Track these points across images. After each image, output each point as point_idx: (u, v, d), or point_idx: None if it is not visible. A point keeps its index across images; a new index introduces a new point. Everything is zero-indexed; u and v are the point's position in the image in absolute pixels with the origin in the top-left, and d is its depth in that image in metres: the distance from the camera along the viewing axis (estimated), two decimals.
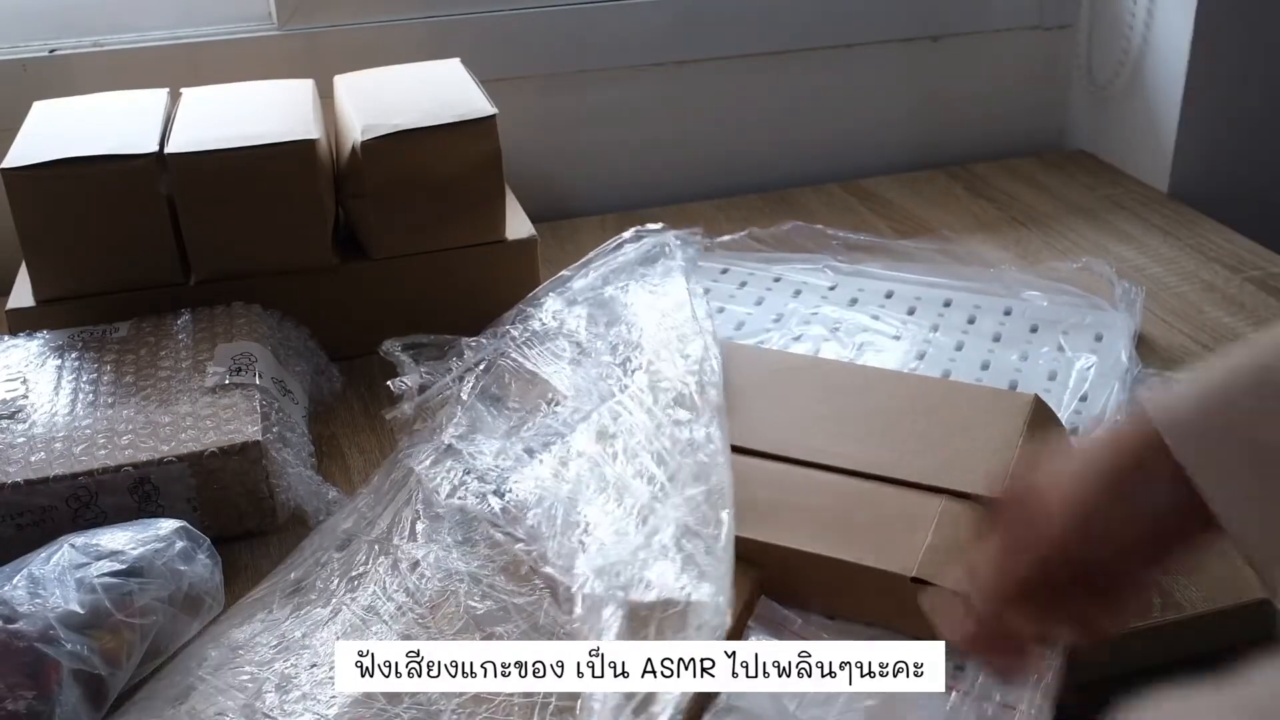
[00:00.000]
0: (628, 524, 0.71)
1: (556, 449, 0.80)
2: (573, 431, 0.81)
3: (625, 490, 0.74)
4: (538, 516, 0.74)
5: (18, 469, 0.78)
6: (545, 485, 0.77)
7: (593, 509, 0.73)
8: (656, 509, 0.71)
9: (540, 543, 0.73)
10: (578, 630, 0.66)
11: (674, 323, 0.89)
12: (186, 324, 0.94)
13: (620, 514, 0.72)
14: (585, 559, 0.69)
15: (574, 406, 0.84)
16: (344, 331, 1.01)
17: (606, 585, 0.67)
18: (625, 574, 0.67)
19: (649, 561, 0.67)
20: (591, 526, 0.72)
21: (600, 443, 0.79)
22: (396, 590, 0.73)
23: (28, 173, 0.92)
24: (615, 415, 0.80)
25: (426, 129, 0.98)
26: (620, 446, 0.77)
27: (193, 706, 0.67)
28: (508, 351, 0.91)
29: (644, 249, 1.00)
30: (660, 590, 0.65)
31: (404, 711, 0.64)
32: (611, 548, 0.69)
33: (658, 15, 1.30)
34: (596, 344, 0.91)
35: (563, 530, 0.73)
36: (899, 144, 1.44)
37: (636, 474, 0.75)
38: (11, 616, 0.66)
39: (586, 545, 0.71)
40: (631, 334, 0.90)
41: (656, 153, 1.37)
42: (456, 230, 1.03)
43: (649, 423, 0.78)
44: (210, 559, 0.75)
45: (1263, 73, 1.30)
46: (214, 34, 1.21)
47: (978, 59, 1.44)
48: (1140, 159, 1.37)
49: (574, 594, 0.67)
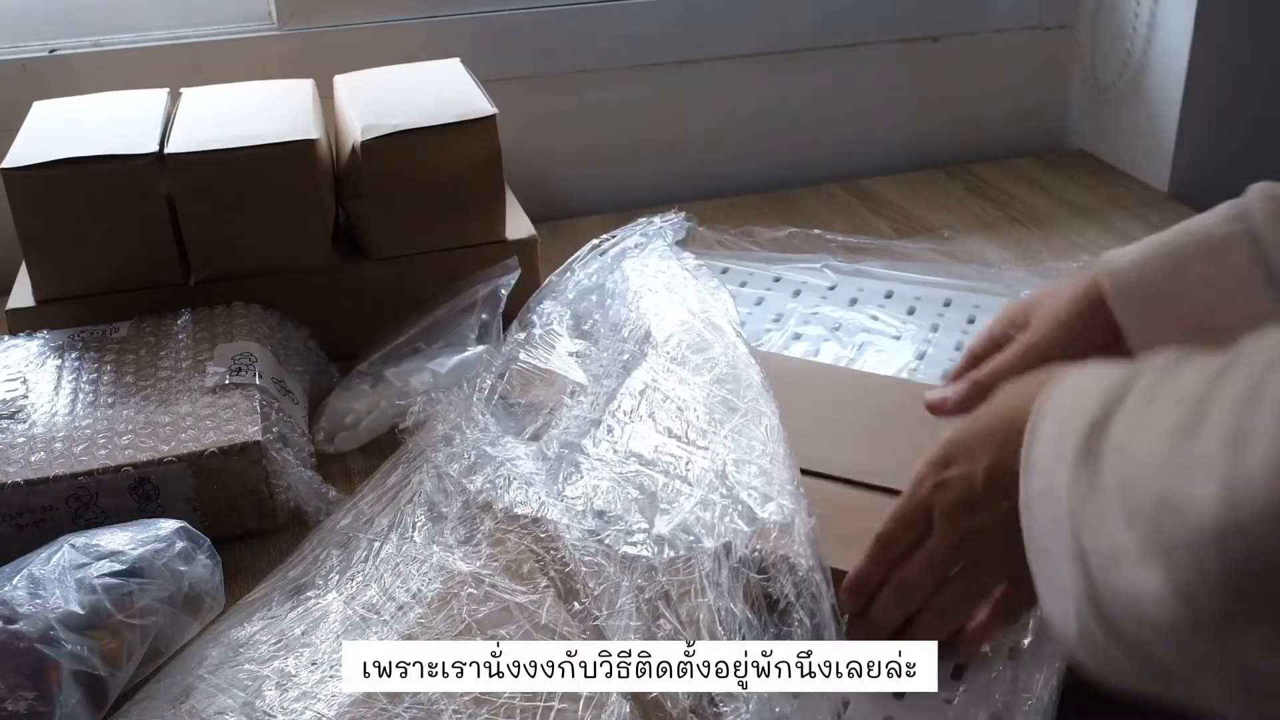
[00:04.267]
0: (684, 479, 0.72)
1: (598, 434, 0.80)
2: (606, 414, 0.81)
3: (673, 450, 0.74)
4: (600, 499, 0.75)
5: (18, 469, 0.78)
6: (599, 471, 0.77)
7: (648, 477, 0.74)
8: (707, 455, 0.72)
9: (613, 524, 0.73)
10: (677, 588, 0.67)
11: (667, 281, 0.90)
12: (186, 324, 0.94)
13: (676, 470, 0.74)
14: (661, 522, 0.70)
15: (597, 391, 0.84)
16: (344, 331, 1.01)
17: (681, 544, 0.69)
18: (693, 528, 0.69)
19: (707, 505, 0.69)
20: (654, 495, 0.73)
21: (638, 416, 0.79)
22: (398, 590, 0.73)
23: (28, 173, 0.92)
24: (642, 386, 0.81)
25: (426, 129, 0.98)
26: (658, 410, 0.78)
27: (193, 706, 0.67)
28: (516, 356, 0.91)
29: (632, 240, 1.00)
30: (725, 528, 0.67)
31: (404, 711, 0.64)
32: (679, 507, 0.70)
33: (658, 15, 1.30)
34: (600, 329, 0.91)
35: (627, 507, 0.73)
36: (899, 144, 1.44)
37: (679, 432, 0.75)
38: (12, 617, 0.65)
39: (654, 515, 0.71)
40: (630, 306, 0.90)
41: (656, 153, 1.37)
42: (456, 230, 1.02)
43: (676, 379, 0.79)
44: (210, 559, 0.75)
45: (1263, 73, 1.30)
46: (214, 34, 1.21)
47: (978, 59, 1.44)
48: (1140, 159, 1.36)
49: (656, 560, 0.69)
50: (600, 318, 0.93)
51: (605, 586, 0.69)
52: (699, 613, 0.66)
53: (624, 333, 0.88)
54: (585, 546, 0.71)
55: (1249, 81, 1.30)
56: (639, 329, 0.87)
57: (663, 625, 0.66)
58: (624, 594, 0.68)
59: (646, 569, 0.69)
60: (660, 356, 0.83)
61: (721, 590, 0.66)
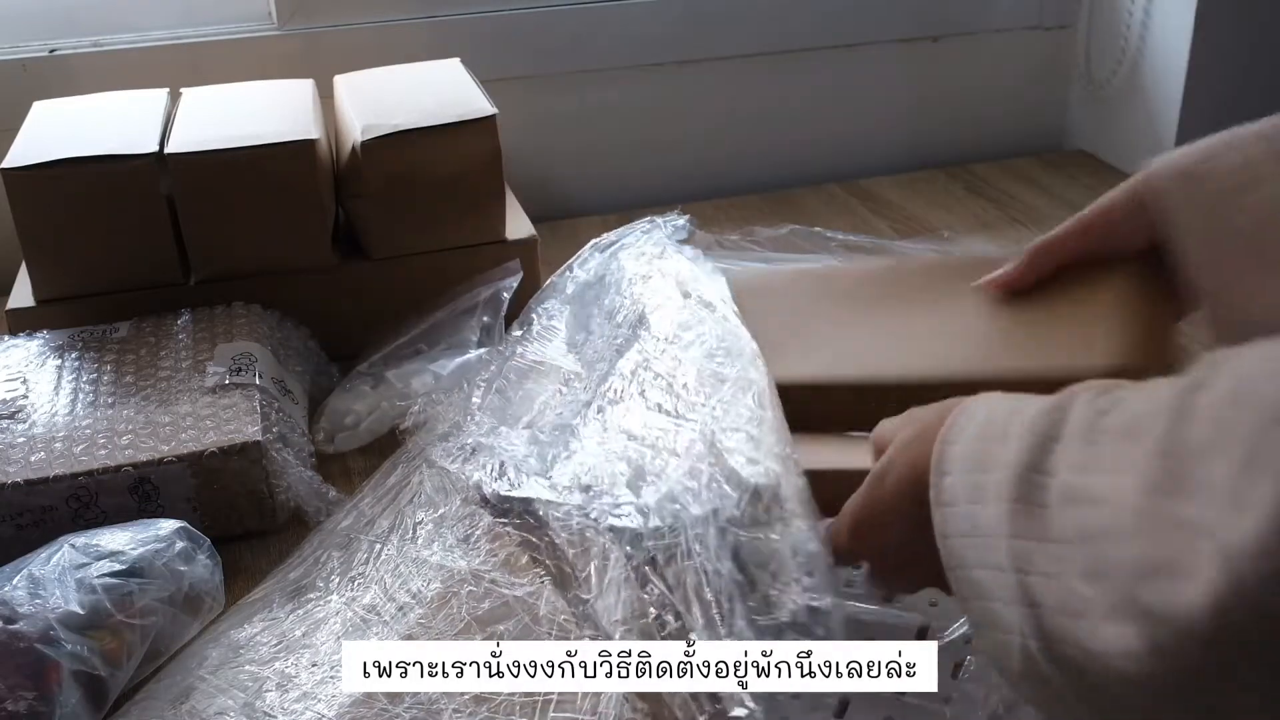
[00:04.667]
0: (672, 452, 0.72)
1: (587, 415, 0.80)
2: (597, 396, 0.81)
3: (662, 424, 0.74)
4: (589, 477, 0.74)
5: (18, 469, 0.78)
6: (588, 449, 0.76)
7: (636, 452, 0.74)
8: (695, 426, 0.72)
9: (598, 500, 0.72)
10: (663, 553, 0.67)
11: (661, 266, 0.89)
12: (186, 324, 0.94)
13: (665, 443, 0.73)
14: (648, 494, 0.69)
15: (590, 376, 0.84)
16: (344, 331, 1.01)
17: (667, 513, 0.67)
18: (681, 497, 0.68)
19: (694, 474, 0.68)
20: (641, 469, 0.72)
21: (628, 395, 0.78)
22: (398, 590, 0.73)
23: (28, 173, 0.92)
24: (634, 367, 0.80)
25: (426, 129, 0.98)
26: (649, 387, 0.78)
27: (193, 706, 0.67)
28: (514, 351, 0.90)
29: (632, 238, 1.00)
30: (716, 498, 0.67)
31: (405, 711, 0.64)
32: (666, 478, 0.70)
33: (658, 15, 1.30)
34: (596, 318, 0.90)
35: (615, 482, 0.73)
36: (899, 144, 1.44)
37: (669, 407, 0.75)
38: (12, 617, 0.65)
39: (641, 488, 0.71)
40: (624, 293, 0.90)
41: (656, 153, 1.37)
42: (456, 230, 1.02)
43: (669, 358, 0.78)
44: (210, 559, 0.75)
45: (1263, 73, 1.30)
46: (214, 34, 1.21)
47: (978, 59, 1.44)
48: (1140, 159, 1.35)
49: (641, 532, 0.68)
50: (597, 309, 0.92)
51: (595, 564, 0.68)
52: (685, 575, 0.65)
53: (618, 318, 0.88)
54: (570, 524, 0.71)
55: (1249, 81, 1.30)
56: (633, 314, 0.87)
57: (651, 591, 0.65)
58: (613, 567, 0.67)
59: (633, 537, 0.68)
60: (653, 338, 0.82)
61: (710, 551, 0.65)
